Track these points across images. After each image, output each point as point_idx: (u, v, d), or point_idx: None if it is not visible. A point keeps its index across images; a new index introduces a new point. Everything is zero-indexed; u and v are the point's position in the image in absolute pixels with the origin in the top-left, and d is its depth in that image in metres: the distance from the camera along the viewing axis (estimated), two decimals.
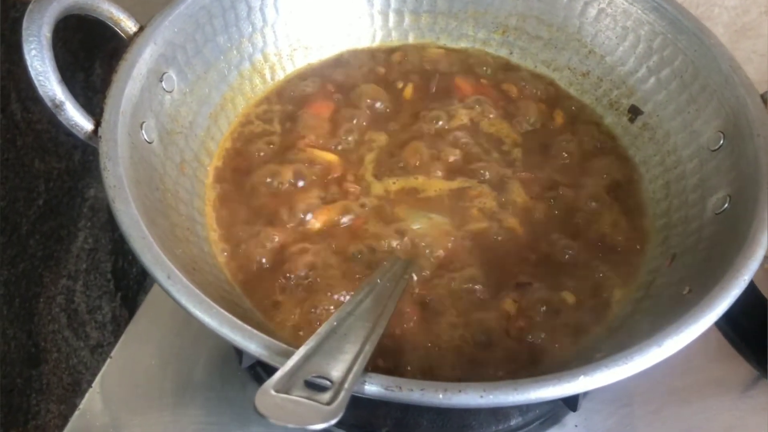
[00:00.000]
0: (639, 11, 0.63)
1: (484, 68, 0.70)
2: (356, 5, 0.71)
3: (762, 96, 0.55)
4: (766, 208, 0.47)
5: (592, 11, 0.67)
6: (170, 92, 0.59)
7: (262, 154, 0.63)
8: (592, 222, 0.59)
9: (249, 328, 0.41)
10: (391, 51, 0.72)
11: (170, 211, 0.54)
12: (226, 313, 0.42)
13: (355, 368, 0.39)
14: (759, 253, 0.45)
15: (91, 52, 1.04)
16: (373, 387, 0.39)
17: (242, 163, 0.63)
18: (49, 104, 0.50)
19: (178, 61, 0.60)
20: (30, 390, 0.82)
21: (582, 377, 0.39)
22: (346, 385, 0.37)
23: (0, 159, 0.93)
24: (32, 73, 0.49)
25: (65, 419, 0.82)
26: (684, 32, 0.60)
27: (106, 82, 1.03)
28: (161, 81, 0.58)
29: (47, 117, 0.94)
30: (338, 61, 0.71)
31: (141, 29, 0.57)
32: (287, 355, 0.39)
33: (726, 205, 0.53)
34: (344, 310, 0.45)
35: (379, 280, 0.52)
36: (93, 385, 0.62)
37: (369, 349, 0.41)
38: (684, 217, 0.56)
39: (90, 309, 0.87)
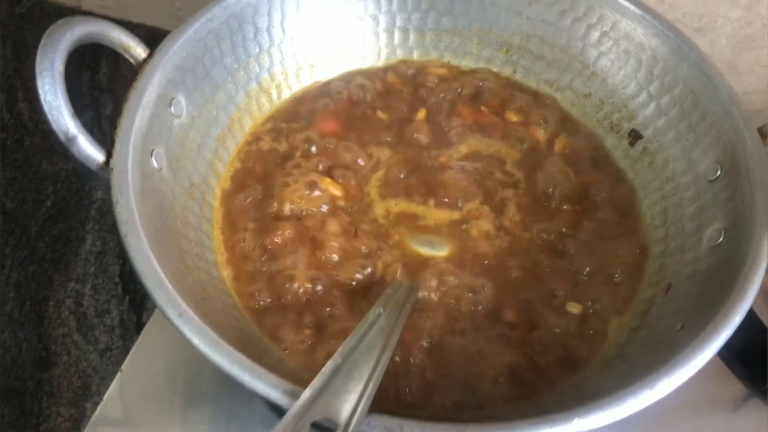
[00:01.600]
0: (641, 36, 0.64)
1: (487, 90, 0.71)
2: (362, 23, 0.71)
3: (759, 130, 0.56)
4: (760, 247, 0.48)
5: (595, 34, 0.67)
6: (179, 117, 0.60)
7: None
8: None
9: (258, 367, 0.43)
10: (395, 68, 0.73)
11: (180, 238, 0.55)
12: (234, 352, 0.43)
13: (359, 409, 0.40)
14: (750, 294, 0.47)
15: (97, 51, 1.04)
16: (375, 430, 0.41)
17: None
18: (62, 137, 0.51)
19: (187, 85, 0.61)
20: (41, 393, 0.84)
21: (576, 419, 0.41)
22: (351, 428, 0.38)
23: (9, 160, 0.94)
24: (45, 107, 0.50)
25: (76, 422, 0.84)
26: (685, 60, 0.61)
27: (111, 80, 1.04)
28: (170, 106, 0.59)
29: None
30: (344, 79, 0.72)
31: (150, 55, 0.58)
32: (294, 395, 0.40)
33: (721, 238, 0.54)
34: (348, 345, 0.46)
35: (381, 310, 0.53)
36: (104, 398, 0.64)
37: (372, 387, 0.42)
38: (680, 246, 0.58)
39: (98, 312, 0.89)
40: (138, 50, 0.58)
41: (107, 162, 0.52)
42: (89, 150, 0.52)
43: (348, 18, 0.71)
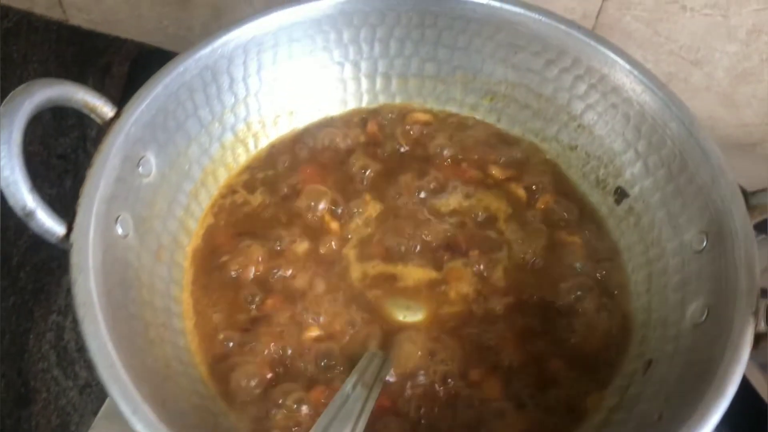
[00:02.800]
0: (629, 91, 0.62)
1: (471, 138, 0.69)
2: (343, 69, 0.69)
3: (746, 198, 0.53)
4: (741, 342, 0.46)
5: (582, 86, 0.65)
6: (147, 176, 0.58)
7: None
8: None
9: None
10: (377, 114, 0.71)
11: (145, 308, 0.54)
12: None
13: None
14: (729, 391, 0.45)
15: (83, 66, 1.03)
16: None
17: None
18: (19, 212, 0.49)
19: (158, 141, 0.59)
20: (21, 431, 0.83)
21: None
22: None
23: None
24: (2, 183, 0.48)
25: None
26: (674, 120, 0.59)
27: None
28: (138, 166, 0.57)
29: (38, 138, 0.94)
30: (324, 125, 0.70)
31: (118, 114, 0.56)
32: None
33: (704, 317, 0.52)
34: (321, 423, 0.46)
35: (351, 388, 0.52)
36: None
37: None
38: (663, 319, 0.56)
39: (79, 347, 0.88)
40: (104, 110, 0.56)
41: (68, 236, 0.50)
42: (48, 223, 0.50)
43: (328, 64, 0.69)
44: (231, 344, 0.57)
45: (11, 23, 1.07)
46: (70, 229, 0.50)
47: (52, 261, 0.90)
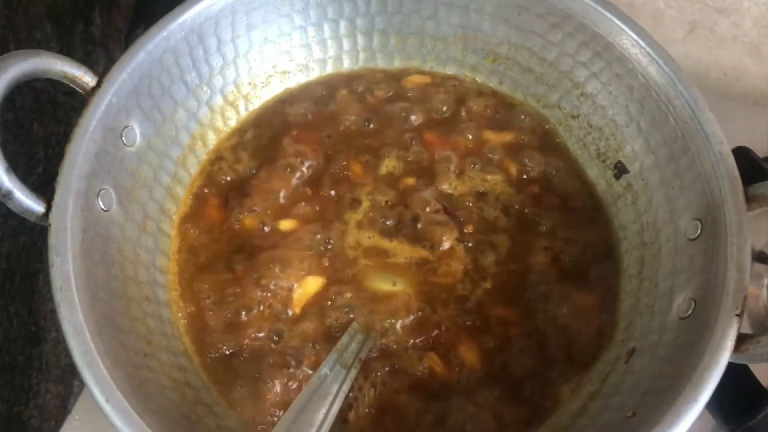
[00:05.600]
0: (634, 63, 0.58)
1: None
2: (338, 26, 0.66)
3: (745, 189, 0.51)
4: (721, 345, 0.45)
5: (587, 52, 0.62)
6: (131, 146, 0.57)
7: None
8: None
9: None
10: (373, 76, 0.68)
11: (128, 284, 0.54)
12: None
13: None
14: (703, 397, 0.44)
15: (90, 1, 1.00)
16: None
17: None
18: None
19: (142, 108, 0.58)
20: (31, 369, 0.86)
21: None
22: None
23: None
24: None
25: (64, 400, 0.86)
26: (678, 98, 0.56)
27: (105, 34, 1.00)
28: (121, 137, 0.56)
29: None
30: (319, 85, 0.68)
31: (99, 84, 0.55)
32: None
33: (690, 311, 0.51)
34: (299, 402, 0.49)
35: (329, 369, 0.53)
36: None
37: None
38: (651, 307, 0.55)
39: None
40: (86, 79, 0.54)
41: (47, 215, 0.50)
42: (27, 203, 0.50)
43: (321, 21, 0.66)
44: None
45: None
46: (49, 208, 0.50)
47: None
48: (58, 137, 0.91)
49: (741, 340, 0.46)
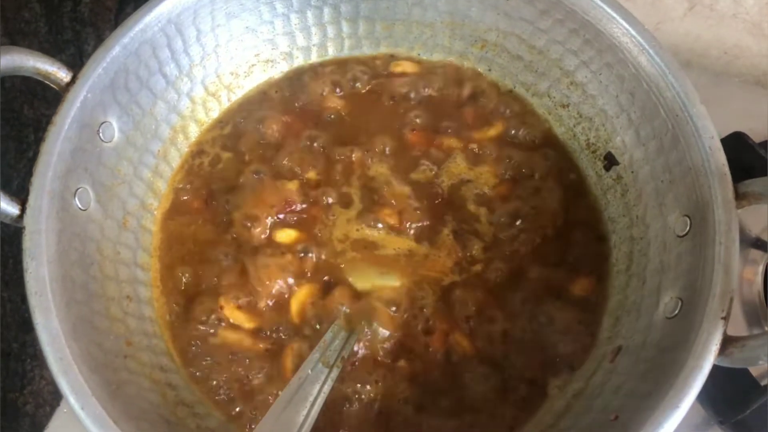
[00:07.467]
0: (625, 52, 0.56)
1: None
2: (322, 13, 0.64)
3: (735, 186, 0.50)
4: (707, 342, 0.45)
5: (577, 40, 0.60)
6: (109, 142, 0.56)
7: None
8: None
9: None
10: (359, 63, 0.66)
11: (108, 283, 0.53)
12: None
13: None
14: (685, 403, 0.44)
15: None
16: None
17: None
18: None
19: (119, 103, 0.56)
20: (25, 355, 0.87)
21: None
22: None
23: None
24: None
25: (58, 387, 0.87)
26: (669, 89, 0.54)
27: (94, 13, 0.98)
28: (98, 133, 0.55)
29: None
30: (303, 74, 0.66)
31: (73, 80, 0.53)
32: None
33: (677, 311, 0.50)
34: (282, 399, 0.49)
35: (310, 369, 0.52)
36: None
37: None
38: (638, 304, 0.54)
39: None
40: (60, 75, 0.53)
41: (21, 216, 0.49)
42: (2, 205, 0.49)
43: (305, 7, 0.64)
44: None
45: None
46: (23, 210, 0.49)
47: None
48: (49, 120, 0.90)
49: (726, 343, 0.46)
